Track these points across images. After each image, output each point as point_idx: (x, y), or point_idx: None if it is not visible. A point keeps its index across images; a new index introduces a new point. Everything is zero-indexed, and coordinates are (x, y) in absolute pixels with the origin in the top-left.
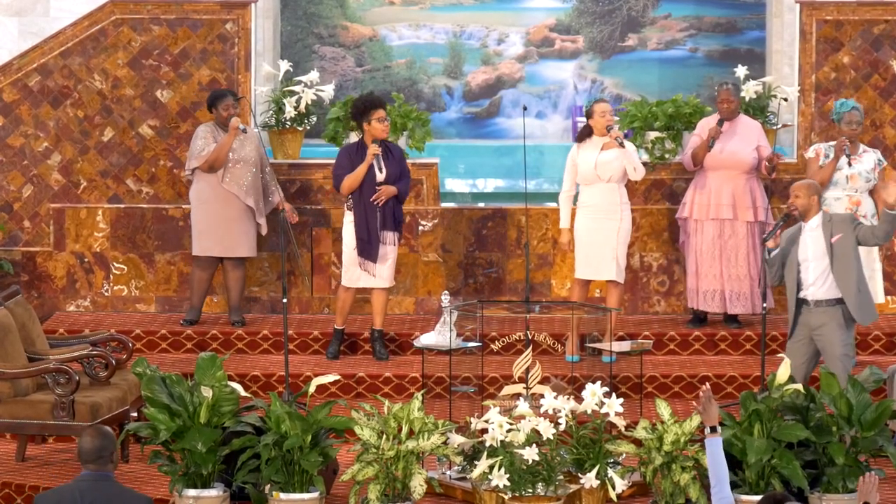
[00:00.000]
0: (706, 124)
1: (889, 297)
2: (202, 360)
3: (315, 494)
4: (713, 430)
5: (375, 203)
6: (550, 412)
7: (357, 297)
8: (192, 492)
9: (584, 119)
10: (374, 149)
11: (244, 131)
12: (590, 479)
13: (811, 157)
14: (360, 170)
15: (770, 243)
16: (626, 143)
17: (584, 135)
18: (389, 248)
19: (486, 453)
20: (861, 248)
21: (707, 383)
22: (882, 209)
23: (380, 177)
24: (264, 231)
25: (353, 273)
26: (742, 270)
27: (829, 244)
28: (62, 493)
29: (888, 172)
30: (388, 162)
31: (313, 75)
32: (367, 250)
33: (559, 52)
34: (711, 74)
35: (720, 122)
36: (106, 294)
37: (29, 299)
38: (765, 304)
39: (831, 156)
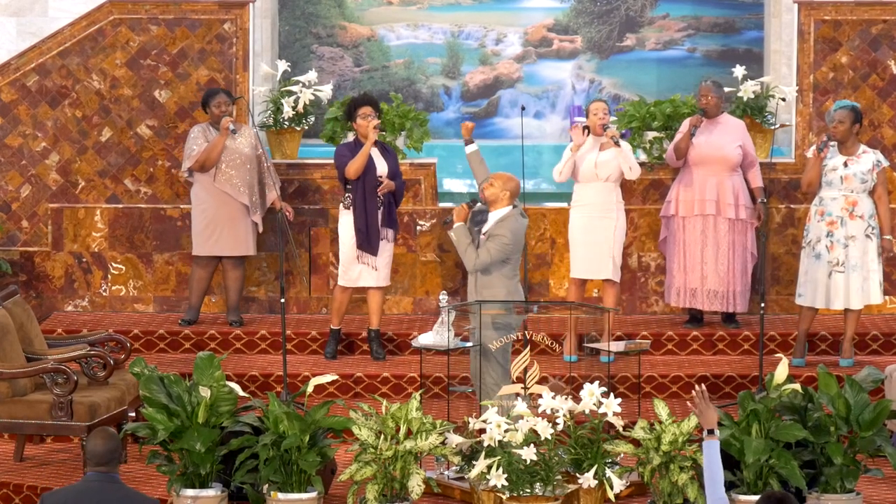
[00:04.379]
0: (689, 122)
1: (888, 297)
2: (200, 359)
3: (313, 494)
4: (710, 432)
5: (376, 197)
6: (548, 412)
7: (354, 298)
8: (190, 492)
9: (580, 119)
10: (374, 124)
11: (234, 132)
12: (588, 479)
13: (810, 156)
14: (364, 150)
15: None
16: (621, 142)
17: (583, 134)
18: (388, 245)
19: (484, 453)
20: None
21: (701, 384)
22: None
23: (381, 170)
24: (261, 229)
25: (352, 272)
26: (723, 268)
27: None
28: (69, 493)
29: (889, 173)
30: (387, 160)
31: (311, 75)
32: (368, 242)
33: (557, 52)
34: (710, 74)
35: (701, 112)
36: (104, 294)
37: (27, 299)
38: (763, 304)
39: (829, 153)
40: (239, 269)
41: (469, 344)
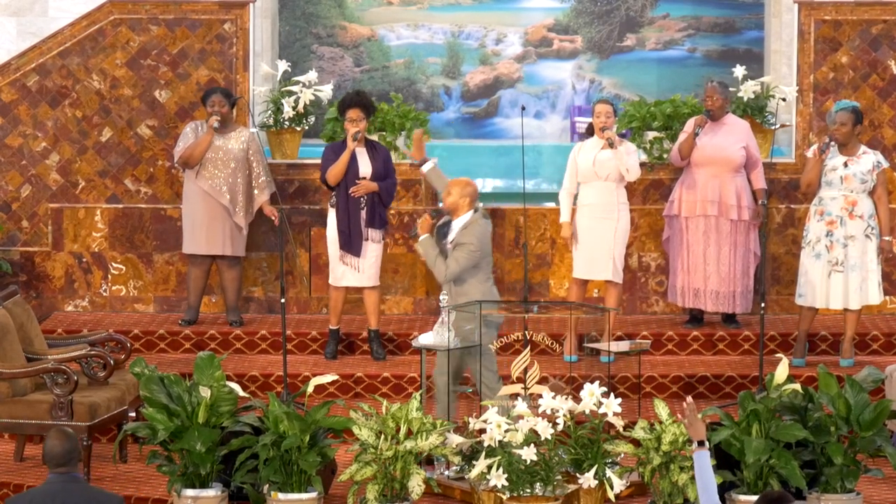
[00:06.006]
0: (694, 122)
1: (888, 297)
2: (200, 359)
3: (313, 494)
4: (700, 444)
5: (358, 198)
6: (548, 412)
7: (353, 298)
8: (190, 492)
9: (581, 119)
10: (352, 133)
11: (215, 128)
12: (588, 479)
13: (810, 156)
14: (343, 157)
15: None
16: (624, 142)
17: (588, 133)
18: (374, 245)
19: (484, 453)
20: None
21: (690, 397)
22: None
23: (364, 172)
24: (245, 231)
25: (337, 271)
26: (724, 269)
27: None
28: (33, 496)
29: (889, 174)
30: (373, 161)
31: (311, 75)
32: (349, 243)
33: (557, 52)
34: (710, 74)
35: (706, 113)
36: (104, 294)
37: (27, 299)
38: (763, 304)
39: (830, 153)
40: (234, 269)
41: (469, 344)
